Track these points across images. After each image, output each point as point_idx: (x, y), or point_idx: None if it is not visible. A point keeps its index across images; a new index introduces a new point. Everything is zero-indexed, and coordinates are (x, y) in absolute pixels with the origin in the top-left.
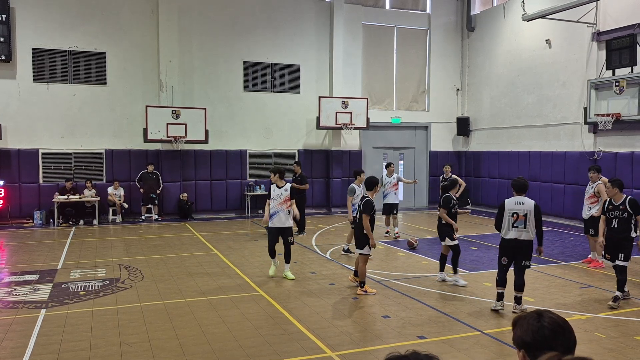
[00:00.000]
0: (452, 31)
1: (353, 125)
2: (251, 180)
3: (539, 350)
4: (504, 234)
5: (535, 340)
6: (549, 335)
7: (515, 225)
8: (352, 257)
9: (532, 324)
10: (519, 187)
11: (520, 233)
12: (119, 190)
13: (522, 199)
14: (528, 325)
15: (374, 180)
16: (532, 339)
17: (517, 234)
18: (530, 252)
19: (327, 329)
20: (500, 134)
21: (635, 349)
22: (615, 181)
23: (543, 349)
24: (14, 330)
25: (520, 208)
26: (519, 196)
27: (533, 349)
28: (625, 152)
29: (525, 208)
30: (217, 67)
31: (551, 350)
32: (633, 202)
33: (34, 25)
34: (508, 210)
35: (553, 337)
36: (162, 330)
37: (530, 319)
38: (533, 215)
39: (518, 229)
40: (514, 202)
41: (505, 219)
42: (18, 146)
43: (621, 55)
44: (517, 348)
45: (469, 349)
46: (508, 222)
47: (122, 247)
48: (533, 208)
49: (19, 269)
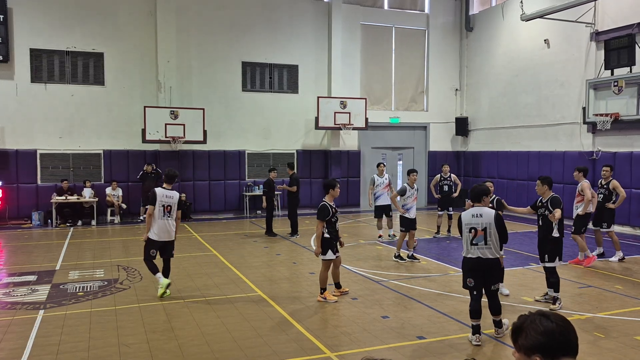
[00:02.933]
0: (451, 31)
1: (352, 125)
2: (250, 180)
3: (556, 351)
4: (465, 253)
5: (554, 341)
6: (565, 332)
7: (474, 242)
8: (360, 259)
9: (545, 325)
10: (474, 196)
11: (482, 251)
12: (117, 190)
13: (480, 210)
14: (541, 326)
15: (331, 183)
16: (548, 340)
17: (479, 252)
18: (499, 272)
19: (326, 329)
20: (499, 134)
21: (634, 349)
22: (545, 179)
23: (560, 348)
24: (12, 332)
25: (478, 221)
26: (476, 207)
27: (549, 350)
28: (624, 152)
29: (483, 221)
30: (216, 68)
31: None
32: (553, 200)
33: (31, 26)
34: (465, 225)
35: (568, 333)
36: (160, 331)
37: (540, 321)
38: (494, 229)
39: (478, 246)
40: (470, 215)
41: (463, 236)
42: (16, 147)
43: (620, 55)
44: (526, 354)
45: (468, 349)
46: (467, 239)
47: (121, 248)
48: (493, 220)
49: (17, 270)
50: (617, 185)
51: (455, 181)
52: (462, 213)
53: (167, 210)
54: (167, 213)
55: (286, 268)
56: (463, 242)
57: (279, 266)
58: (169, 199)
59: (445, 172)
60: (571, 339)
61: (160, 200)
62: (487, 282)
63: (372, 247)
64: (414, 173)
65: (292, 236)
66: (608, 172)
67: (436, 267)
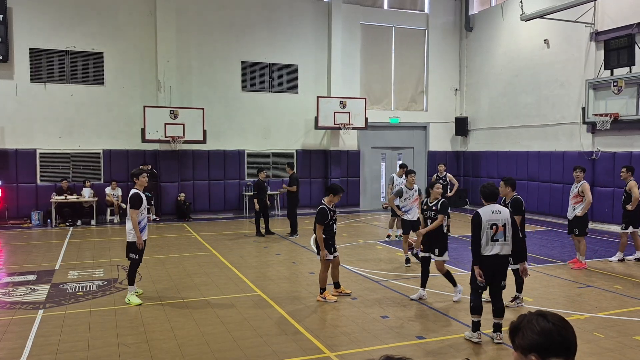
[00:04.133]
0: (451, 31)
1: (351, 125)
2: (249, 180)
3: (552, 351)
4: (484, 251)
5: (551, 340)
6: (562, 332)
7: (495, 238)
8: (360, 259)
9: (542, 325)
10: (490, 195)
11: (502, 247)
12: (116, 190)
13: (497, 207)
14: (538, 326)
15: (335, 188)
16: (545, 340)
17: (499, 248)
18: (507, 269)
19: (326, 329)
20: (498, 134)
21: (633, 349)
22: (507, 180)
23: (557, 348)
24: (12, 331)
25: (498, 217)
26: (491, 204)
27: (546, 349)
28: (623, 151)
29: (503, 217)
30: (215, 67)
31: (566, 349)
32: (514, 202)
33: (31, 26)
34: (485, 221)
35: (565, 333)
36: (160, 330)
37: (537, 321)
38: (511, 225)
39: (499, 242)
40: (490, 211)
41: (483, 233)
42: (15, 146)
43: (619, 55)
44: (522, 353)
45: (467, 349)
46: (487, 236)
47: (120, 248)
48: (509, 216)
49: (17, 270)
50: (633, 186)
51: (452, 181)
52: (479, 210)
53: None
54: None
55: (286, 268)
56: (482, 240)
57: (279, 266)
58: None
59: (441, 172)
60: (568, 339)
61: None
62: (496, 278)
63: (371, 247)
64: (411, 174)
65: (292, 236)
66: (625, 174)
67: None
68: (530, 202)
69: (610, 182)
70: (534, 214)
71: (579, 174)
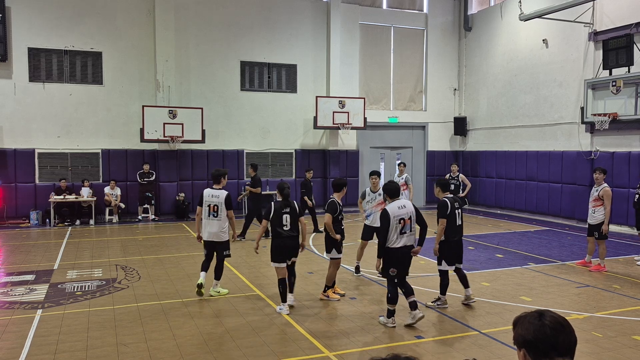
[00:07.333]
0: (449, 31)
1: (350, 125)
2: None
3: (540, 349)
4: (394, 244)
5: (536, 339)
6: (551, 333)
7: (403, 231)
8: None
9: (533, 323)
10: (395, 192)
11: (408, 238)
12: (115, 190)
13: (402, 202)
14: (529, 323)
15: (341, 182)
16: (533, 338)
17: (406, 240)
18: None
19: (325, 329)
20: (497, 133)
21: (632, 348)
22: (438, 181)
23: (544, 347)
24: (10, 331)
25: (404, 212)
26: (396, 200)
27: (534, 347)
28: (622, 151)
29: (408, 211)
30: (214, 67)
31: (553, 349)
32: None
33: (29, 25)
34: (393, 217)
35: (554, 335)
36: (159, 330)
37: (532, 318)
38: (415, 217)
39: (406, 234)
40: (396, 207)
41: (392, 228)
42: (14, 146)
43: (618, 55)
44: (517, 347)
45: (466, 349)
46: (396, 230)
47: (119, 248)
48: (413, 209)
49: (15, 270)
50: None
51: (464, 181)
52: (386, 207)
53: (214, 210)
54: (214, 213)
55: None
56: (390, 234)
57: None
58: (215, 198)
59: (454, 172)
60: (559, 341)
61: (206, 200)
62: (407, 268)
63: (371, 246)
64: (373, 176)
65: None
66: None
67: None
68: (529, 202)
69: (610, 182)
70: (532, 214)
71: (599, 175)
